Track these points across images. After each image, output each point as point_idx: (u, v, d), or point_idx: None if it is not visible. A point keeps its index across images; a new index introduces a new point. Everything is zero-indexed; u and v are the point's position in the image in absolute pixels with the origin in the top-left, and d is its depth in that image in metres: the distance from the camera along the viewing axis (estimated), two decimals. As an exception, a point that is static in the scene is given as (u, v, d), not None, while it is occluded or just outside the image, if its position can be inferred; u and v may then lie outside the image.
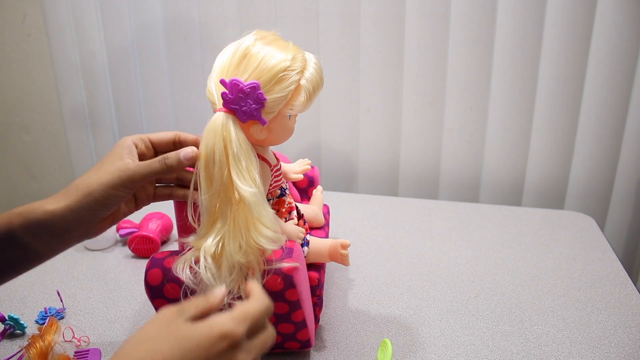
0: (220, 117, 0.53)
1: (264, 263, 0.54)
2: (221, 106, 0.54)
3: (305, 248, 0.64)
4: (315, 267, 0.66)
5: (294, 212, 0.66)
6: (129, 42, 1.28)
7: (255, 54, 0.54)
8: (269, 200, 0.63)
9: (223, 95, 0.53)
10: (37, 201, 0.51)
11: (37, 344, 0.63)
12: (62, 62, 1.33)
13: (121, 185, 0.51)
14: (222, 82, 0.53)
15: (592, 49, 1.03)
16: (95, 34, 1.29)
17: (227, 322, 0.39)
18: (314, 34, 1.15)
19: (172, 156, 0.53)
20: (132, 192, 0.54)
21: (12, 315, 0.69)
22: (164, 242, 0.94)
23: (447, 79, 1.12)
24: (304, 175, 0.76)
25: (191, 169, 0.56)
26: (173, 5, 1.22)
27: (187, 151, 0.54)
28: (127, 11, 1.25)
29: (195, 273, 0.53)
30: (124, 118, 1.36)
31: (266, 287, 0.56)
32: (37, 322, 0.72)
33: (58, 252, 0.55)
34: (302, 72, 0.56)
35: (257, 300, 0.43)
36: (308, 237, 0.65)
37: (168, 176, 0.59)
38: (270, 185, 0.62)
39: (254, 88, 0.52)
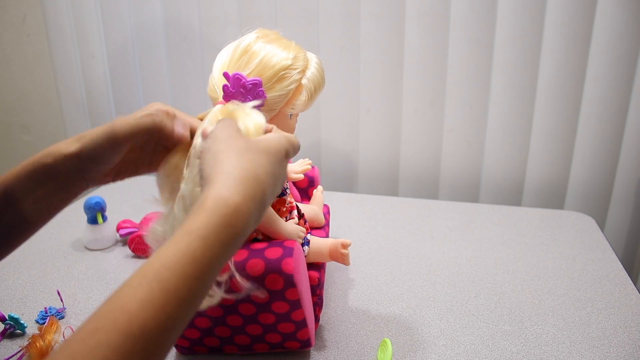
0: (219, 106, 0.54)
1: None
2: (221, 99, 0.54)
3: (306, 247, 0.64)
4: (316, 266, 0.66)
5: (295, 212, 0.66)
6: (129, 42, 1.28)
7: (257, 51, 0.54)
8: (269, 200, 0.62)
9: (224, 87, 0.53)
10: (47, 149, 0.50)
11: (38, 344, 0.63)
12: (62, 62, 1.33)
13: (105, 137, 0.48)
14: (225, 74, 0.53)
15: (592, 49, 1.03)
16: (95, 33, 1.29)
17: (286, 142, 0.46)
18: (314, 34, 1.15)
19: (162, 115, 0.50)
20: (119, 145, 0.49)
21: (12, 315, 0.69)
22: (164, 242, 0.94)
23: (447, 79, 1.12)
24: (304, 175, 0.76)
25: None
26: (173, 5, 1.22)
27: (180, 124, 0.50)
28: (127, 11, 1.25)
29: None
30: (124, 118, 1.36)
31: (267, 287, 0.56)
32: (37, 321, 0.72)
33: (52, 216, 0.52)
34: (303, 71, 0.56)
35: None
36: (308, 236, 0.66)
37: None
38: (271, 184, 0.62)
39: (256, 85, 0.52)
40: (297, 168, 0.75)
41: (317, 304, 0.68)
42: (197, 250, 0.35)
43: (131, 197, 1.11)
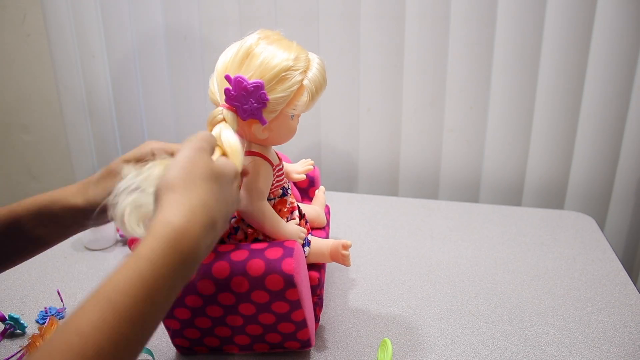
0: (220, 109, 0.54)
1: None
2: (223, 102, 0.54)
3: (307, 248, 0.64)
4: (316, 266, 0.66)
5: (296, 212, 0.66)
6: (129, 42, 1.28)
7: (258, 53, 0.54)
8: (270, 200, 0.63)
9: (226, 91, 0.53)
10: (56, 192, 0.53)
11: (38, 344, 0.63)
12: (62, 62, 1.33)
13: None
14: (227, 77, 0.53)
15: (592, 49, 1.03)
16: (96, 33, 1.29)
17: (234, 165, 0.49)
18: (314, 34, 1.15)
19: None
20: None
21: (12, 315, 0.69)
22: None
23: (447, 79, 1.12)
24: (305, 175, 0.76)
25: None
26: (173, 6, 1.22)
27: None
28: (127, 11, 1.25)
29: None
30: (124, 118, 1.36)
31: (267, 287, 0.56)
32: (37, 321, 0.72)
33: (64, 239, 0.56)
34: (305, 72, 0.56)
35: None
36: (309, 237, 0.65)
37: None
38: (273, 185, 0.62)
39: (258, 87, 0.52)
40: (299, 168, 0.75)
41: (317, 304, 0.68)
42: (145, 273, 0.36)
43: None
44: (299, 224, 0.65)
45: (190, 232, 0.39)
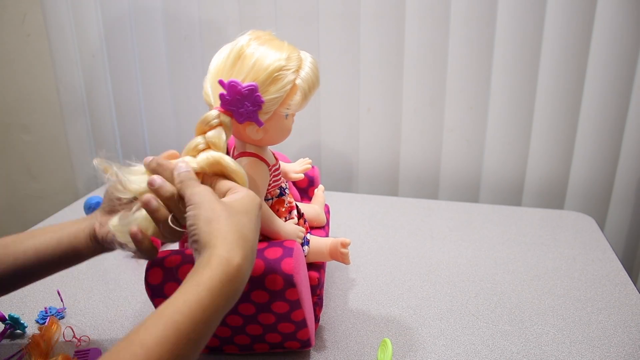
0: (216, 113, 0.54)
1: None
2: (218, 106, 0.54)
3: (306, 247, 0.64)
4: (316, 266, 0.66)
5: (294, 212, 0.66)
6: (129, 42, 1.28)
7: (250, 54, 0.54)
8: (268, 199, 0.63)
9: (221, 96, 0.53)
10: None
11: (38, 344, 0.63)
12: (62, 62, 1.33)
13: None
14: (221, 82, 0.53)
15: (592, 49, 1.03)
16: (96, 33, 1.29)
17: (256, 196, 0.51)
18: (314, 34, 1.15)
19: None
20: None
21: (12, 314, 0.69)
22: (164, 242, 0.94)
23: (447, 79, 1.12)
24: (304, 175, 0.76)
25: None
26: (173, 5, 1.22)
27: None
28: (127, 11, 1.25)
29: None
30: (124, 118, 1.37)
31: (266, 287, 0.56)
32: (37, 321, 0.72)
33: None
34: (297, 71, 0.56)
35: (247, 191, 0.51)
36: (308, 236, 0.65)
37: None
38: (269, 185, 0.62)
39: (252, 90, 0.52)
40: (297, 167, 0.75)
41: (317, 304, 0.68)
42: (205, 300, 0.41)
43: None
44: (298, 223, 0.65)
45: (242, 267, 0.44)
